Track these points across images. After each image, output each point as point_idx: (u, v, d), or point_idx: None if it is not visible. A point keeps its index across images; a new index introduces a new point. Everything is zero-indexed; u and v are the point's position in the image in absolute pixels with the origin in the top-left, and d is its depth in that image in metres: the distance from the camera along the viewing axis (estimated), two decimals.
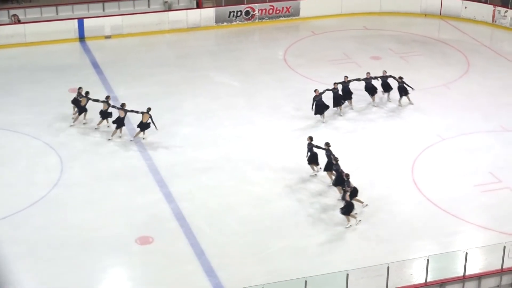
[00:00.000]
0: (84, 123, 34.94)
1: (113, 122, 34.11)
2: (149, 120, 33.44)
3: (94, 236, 28.10)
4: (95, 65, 41.46)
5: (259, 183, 31.43)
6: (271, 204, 30.07)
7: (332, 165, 30.60)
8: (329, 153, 30.86)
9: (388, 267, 24.81)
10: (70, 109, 36.15)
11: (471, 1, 47.97)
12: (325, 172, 31.19)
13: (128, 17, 45.44)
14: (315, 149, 31.37)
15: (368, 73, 37.02)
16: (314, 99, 35.19)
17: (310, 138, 31.61)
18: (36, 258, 27.03)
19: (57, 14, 45.51)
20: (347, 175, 29.16)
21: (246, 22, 47.33)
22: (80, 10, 45.81)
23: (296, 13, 48.05)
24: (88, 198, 30.27)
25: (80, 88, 35.13)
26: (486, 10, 47.57)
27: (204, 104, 37.24)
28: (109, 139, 33.88)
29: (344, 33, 46.26)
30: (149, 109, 33.56)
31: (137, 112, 33.76)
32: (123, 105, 34.17)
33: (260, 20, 47.53)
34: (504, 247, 25.79)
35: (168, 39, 45.47)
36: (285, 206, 29.94)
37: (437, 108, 37.23)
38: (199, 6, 47.00)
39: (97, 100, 34.55)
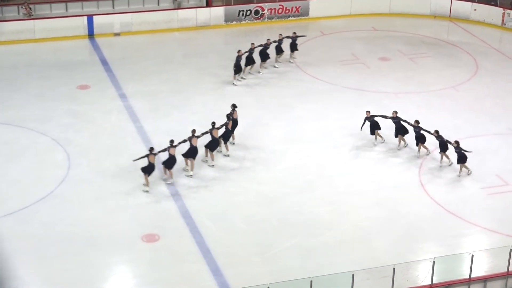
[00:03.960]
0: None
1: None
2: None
3: (100, 233, 28.14)
4: (104, 62, 41.50)
5: (266, 182, 31.43)
6: (278, 203, 30.07)
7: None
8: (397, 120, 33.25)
9: (394, 269, 24.78)
10: (78, 105, 36.38)
11: (481, 4, 47.92)
12: (332, 176, 31.32)
13: (137, 14, 45.48)
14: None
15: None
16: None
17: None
18: (42, 254, 27.08)
19: (66, 10, 45.55)
20: None
21: (255, 21, 47.33)
22: (90, 7, 45.88)
23: (305, 13, 48.02)
24: (95, 195, 30.31)
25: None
26: (495, 13, 47.48)
27: (211, 102, 37.24)
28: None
29: (352, 33, 46.23)
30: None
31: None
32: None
33: (269, 20, 47.51)
34: (510, 250, 25.73)
35: (177, 37, 45.51)
36: (292, 206, 29.92)
37: (445, 110, 37.18)
38: (208, 4, 47.00)
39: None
